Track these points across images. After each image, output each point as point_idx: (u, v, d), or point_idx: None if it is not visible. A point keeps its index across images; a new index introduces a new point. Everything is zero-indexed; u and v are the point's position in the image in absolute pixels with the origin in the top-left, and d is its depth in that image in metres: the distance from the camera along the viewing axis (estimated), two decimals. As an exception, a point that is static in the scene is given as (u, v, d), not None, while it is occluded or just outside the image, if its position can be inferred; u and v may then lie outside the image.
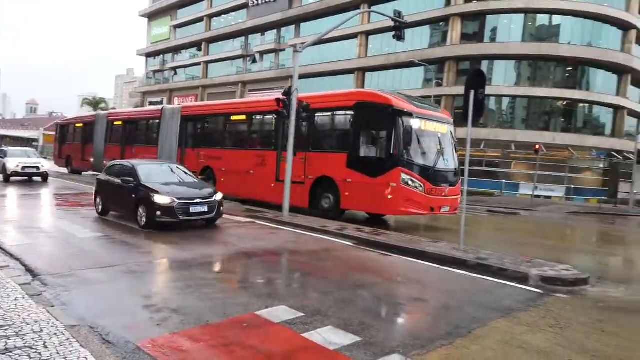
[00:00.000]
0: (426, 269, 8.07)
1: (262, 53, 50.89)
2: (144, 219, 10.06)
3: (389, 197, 11.53)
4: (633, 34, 33.97)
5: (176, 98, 57.62)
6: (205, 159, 17.14)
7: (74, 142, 27.46)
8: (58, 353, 3.75)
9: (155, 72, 66.63)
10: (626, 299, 7.20)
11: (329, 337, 4.62)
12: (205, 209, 10.31)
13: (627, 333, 5.44)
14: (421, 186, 11.54)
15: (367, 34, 40.77)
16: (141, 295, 5.79)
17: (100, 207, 11.82)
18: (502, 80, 34.49)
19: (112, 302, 5.52)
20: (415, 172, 11.56)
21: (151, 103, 61.54)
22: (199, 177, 13.99)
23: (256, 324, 4.91)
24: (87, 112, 56.39)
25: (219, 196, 10.77)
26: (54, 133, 34.03)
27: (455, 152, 12.98)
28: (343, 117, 13.51)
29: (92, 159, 24.57)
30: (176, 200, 9.91)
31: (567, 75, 34.75)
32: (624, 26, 33.77)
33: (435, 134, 12.36)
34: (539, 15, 34.07)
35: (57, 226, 10.51)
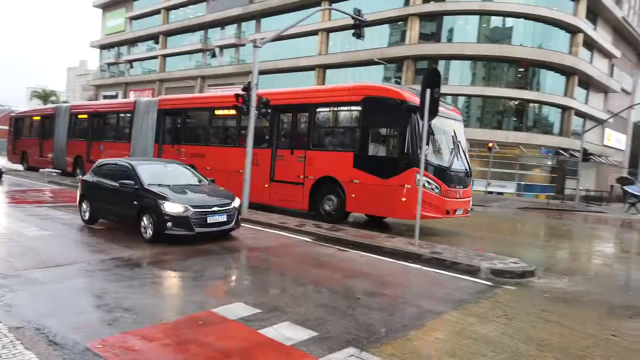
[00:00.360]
0: (382, 264, 8.22)
1: (222, 47, 50.10)
2: (149, 231, 8.56)
3: (403, 199, 10.73)
4: (580, 37, 35.62)
5: (132, 92, 55.89)
6: (186, 156, 15.88)
7: (30, 136, 25.77)
8: (0, 356, 3.59)
9: (110, 64, 64.35)
10: (569, 290, 7.59)
11: (286, 332, 4.64)
12: (224, 218, 8.92)
13: (569, 322, 5.74)
14: (437, 188, 10.81)
15: (328, 31, 40.89)
16: (92, 294, 5.62)
17: (87, 214, 10.12)
18: (458, 79, 35.43)
19: (61, 302, 5.33)
20: (431, 173, 10.82)
21: (105, 97, 59.46)
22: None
23: (212, 321, 4.87)
24: (38, 104, 53.85)
25: (237, 202, 9.49)
26: (4, 127, 32.23)
27: (467, 151, 12.39)
28: (349, 113, 12.55)
29: (51, 156, 23.16)
30: (191, 208, 8.46)
31: (519, 75, 36.08)
32: (572, 30, 35.36)
33: (449, 132, 11.61)
34: (493, 17, 35.18)
35: (7, 225, 10.01)
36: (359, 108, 11.84)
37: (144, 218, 8.65)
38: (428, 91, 9.22)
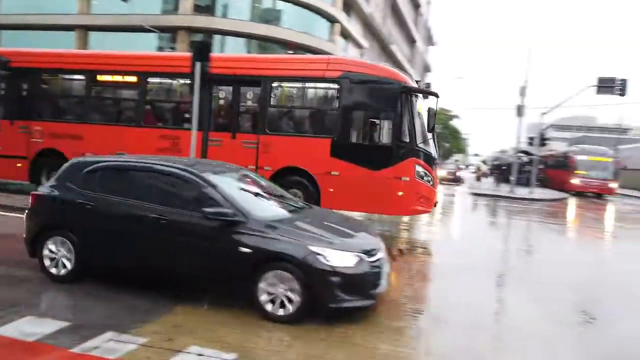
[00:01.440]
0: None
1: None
2: (290, 304, 4.70)
3: (399, 194, 9.45)
4: (338, 27, 40.12)
5: None
6: (44, 137, 11.45)
7: None
8: None
9: None
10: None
11: (29, 328, 4.14)
12: (387, 267, 5.47)
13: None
14: (432, 180, 9.80)
15: (89, -12, 36.32)
16: None
17: (69, 264, 5.41)
18: (234, 56, 36.03)
19: None
20: (426, 163, 9.71)
21: None
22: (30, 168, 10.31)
23: None
24: None
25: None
26: None
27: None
28: (323, 92, 10.64)
29: None
30: (365, 257, 4.95)
31: (288, 57, 38.77)
32: (331, 19, 39.55)
33: (433, 117, 10.23)
34: (264, -1, 36.73)
35: None
36: (337, 86, 9.96)
37: (270, 277, 4.76)
38: (198, 64, 9.13)
